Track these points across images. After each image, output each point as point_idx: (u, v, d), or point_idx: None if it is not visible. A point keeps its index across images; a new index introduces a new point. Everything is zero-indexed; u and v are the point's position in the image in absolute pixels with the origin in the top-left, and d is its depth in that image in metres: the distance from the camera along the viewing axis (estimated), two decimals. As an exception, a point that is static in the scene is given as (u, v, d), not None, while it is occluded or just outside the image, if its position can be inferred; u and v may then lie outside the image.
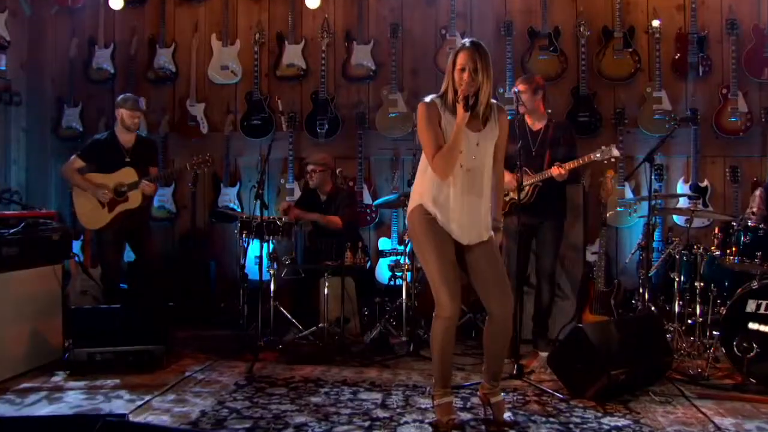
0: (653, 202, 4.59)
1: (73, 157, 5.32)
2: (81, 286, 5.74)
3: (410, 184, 5.37)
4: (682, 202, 5.73)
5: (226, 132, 6.41)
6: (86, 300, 5.71)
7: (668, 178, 5.93)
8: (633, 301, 4.94)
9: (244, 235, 5.12)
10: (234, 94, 6.52)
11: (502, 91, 5.84)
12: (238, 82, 6.50)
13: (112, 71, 6.61)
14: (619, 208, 5.75)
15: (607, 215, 5.65)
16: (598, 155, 4.35)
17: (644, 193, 5.37)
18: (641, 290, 4.59)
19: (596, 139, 5.83)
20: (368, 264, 5.45)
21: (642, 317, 4.20)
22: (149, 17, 6.65)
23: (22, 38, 6.59)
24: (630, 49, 5.90)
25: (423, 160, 3.37)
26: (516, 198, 4.56)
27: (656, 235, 5.68)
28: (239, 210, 6.40)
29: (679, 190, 5.84)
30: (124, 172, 5.18)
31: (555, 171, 4.46)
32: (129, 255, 5.75)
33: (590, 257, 5.49)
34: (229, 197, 6.46)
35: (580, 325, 3.72)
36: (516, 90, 4.52)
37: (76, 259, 5.81)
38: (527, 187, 4.60)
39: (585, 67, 5.89)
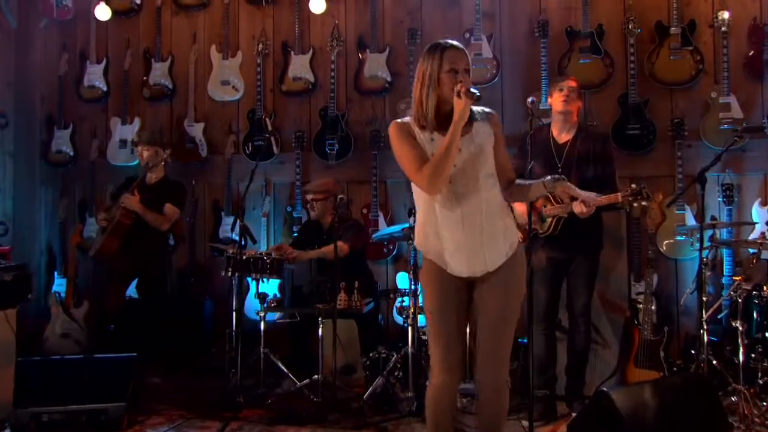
0: (711, 232, 4.09)
1: None
2: (62, 328, 5.58)
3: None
4: (759, 230, 5.17)
5: (227, 155, 6.18)
6: (67, 345, 5.54)
7: (740, 200, 5.36)
8: (693, 351, 4.43)
9: (229, 273, 4.85)
10: (236, 111, 6.30)
11: (532, 100, 5.35)
12: (240, 99, 6.28)
13: (105, 89, 6.50)
14: (678, 237, 5.23)
15: (663, 245, 5.17)
16: (629, 198, 3.77)
17: (709, 218, 4.86)
18: (699, 339, 4.09)
19: (650, 155, 5.38)
20: (370, 305, 5.07)
21: (689, 378, 3.69)
22: (144, 28, 6.51)
23: (9, 54, 6.53)
24: (690, 48, 5.39)
25: (415, 193, 3.05)
26: (538, 230, 4.17)
27: (726, 269, 5.15)
28: (243, 242, 6.15)
29: (754, 215, 5.27)
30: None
31: (577, 208, 3.99)
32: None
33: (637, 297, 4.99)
34: (230, 227, 6.19)
35: (605, 389, 3.24)
36: (532, 99, 4.10)
37: (57, 297, 5.67)
38: (549, 219, 4.18)
39: (635, 70, 5.40)
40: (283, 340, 5.23)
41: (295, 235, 5.75)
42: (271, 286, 5.52)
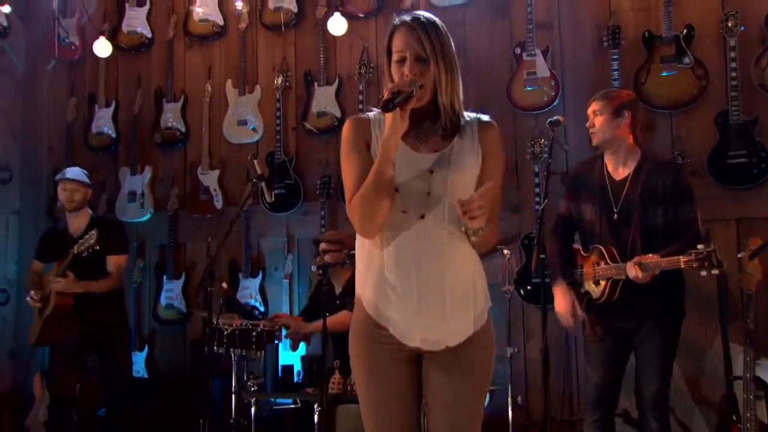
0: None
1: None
2: (46, 414, 5.14)
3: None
4: None
5: (244, 206, 5.66)
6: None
7: None
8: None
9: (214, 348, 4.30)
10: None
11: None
12: (259, 140, 5.79)
13: (114, 135, 6.17)
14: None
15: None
16: (693, 264, 3.08)
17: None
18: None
19: (761, 190, 4.47)
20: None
21: None
22: (156, 64, 6.17)
23: (15, 101, 6.36)
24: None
25: None
26: (592, 292, 3.40)
27: None
28: (262, 309, 5.61)
29: None
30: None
31: (631, 271, 3.25)
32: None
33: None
34: (249, 291, 5.67)
35: None
36: (554, 120, 3.34)
37: (43, 379, 5.27)
38: (602, 282, 3.38)
39: (737, 81, 4.50)
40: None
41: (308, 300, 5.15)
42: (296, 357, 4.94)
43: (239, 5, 5.67)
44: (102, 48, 5.69)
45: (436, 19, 2.28)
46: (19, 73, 6.40)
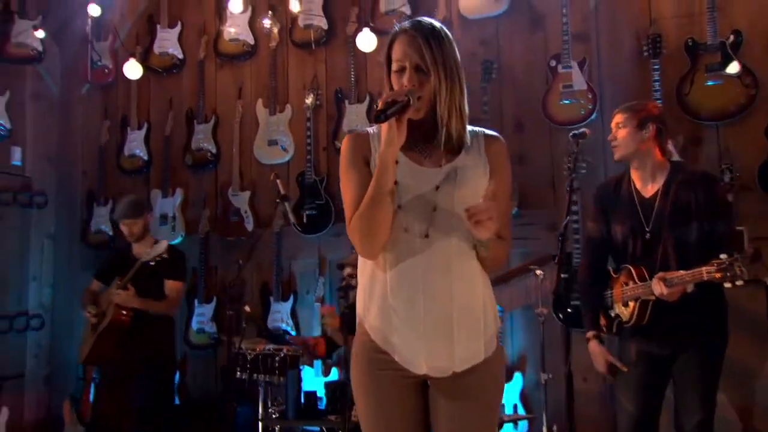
0: None
1: None
2: (76, 439, 5.13)
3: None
4: None
5: (275, 228, 5.60)
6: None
7: None
8: None
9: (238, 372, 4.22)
10: (285, 175, 5.71)
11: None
12: (290, 160, 5.73)
13: (146, 158, 6.18)
14: None
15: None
16: (714, 275, 2.87)
17: None
18: None
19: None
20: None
21: None
22: (187, 86, 6.17)
23: (51, 126, 6.42)
24: None
25: None
26: (621, 315, 3.22)
27: None
28: (294, 333, 5.51)
29: None
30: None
31: (656, 288, 3.04)
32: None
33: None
34: (280, 315, 5.57)
35: None
36: (578, 132, 3.16)
37: (72, 405, 5.25)
38: (631, 303, 3.19)
39: (790, 90, 4.28)
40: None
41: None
42: (320, 383, 4.84)
43: (267, 23, 5.63)
44: (132, 70, 5.70)
45: (440, 27, 2.18)
46: (54, 98, 6.48)
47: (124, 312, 4.59)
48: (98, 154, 6.37)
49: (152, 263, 4.52)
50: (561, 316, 4.64)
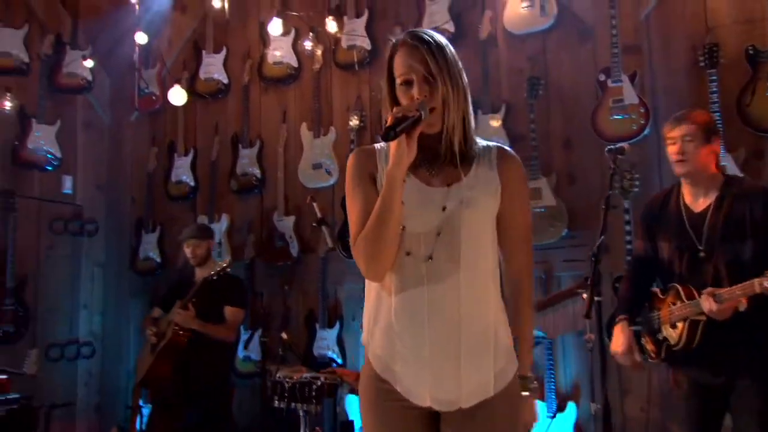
0: None
1: None
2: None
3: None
4: None
5: (320, 253, 5.54)
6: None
7: None
8: None
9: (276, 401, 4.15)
10: (331, 199, 5.67)
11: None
12: (335, 184, 5.66)
13: (193, 184, 6.22)
14: None
15: None
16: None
17: None
18: None
19: None
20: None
21: None
22: (233, 111, 6.19)
23: (101, 155, 6.53)
24: None
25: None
26: (669, 338, 3.04)
27: None
28: (340, 361, 5.42)
29: None
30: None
31: (705, 304, 2.85)
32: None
33: None
34: (326, 342, 5.49)
35: None
36: (616, 147, 3.00)
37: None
38: (679, 324, 2.99)
39: None
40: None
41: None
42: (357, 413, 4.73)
43: (308, 45, 5.62)
44: (177, 96, 5.73)
45: (440, 36, 2.11)
46: (104, 126, 6.59)
47: (182, 332, 4.63)
48: (146, 181, 6.44)
49: (215, 278, 4.59)
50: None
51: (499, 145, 2.17)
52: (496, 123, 4.99)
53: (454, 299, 2.00)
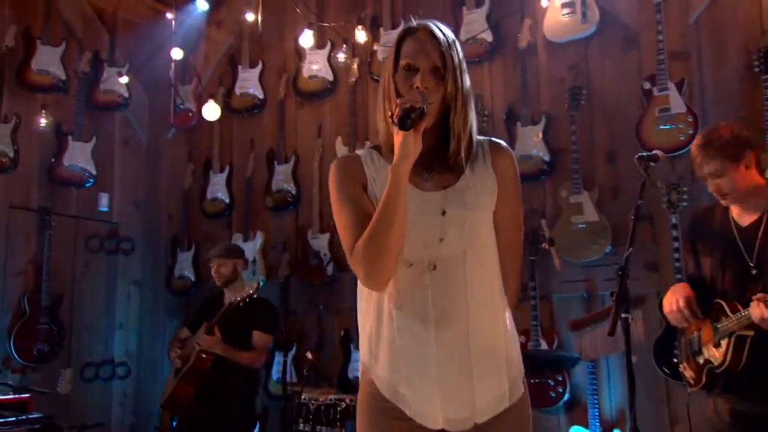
0: None
1: None
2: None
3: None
4: None
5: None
6: None
7: None
8: None
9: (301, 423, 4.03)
10: (367, 216, 5.54)
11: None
12: (371, 200, 5.54)
13: (228, 201, 6.16)
14: None
15: None
16: None
17: None
18: None
19: None
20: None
21: None
22: (268, 126, 6.13)
23: (138, 171, 6.54)
24: None
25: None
26: (713, 359, 2.83)
27: None
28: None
29: None
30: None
31: (756, 311, 2.59)
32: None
33: None
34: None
35: None
36: (650, 155, 2.79)
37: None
38: (723, 342, 2.77)
39: None
40: None
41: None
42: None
43: (341, 57, 5.53)
44: (210, 111, 5.65)
45: (451, 32, 2.00)
46: (142, 143, 6.60)
47: (205, 356, 4.52)
48: (182, 199, 6.42)
49: (240, 304, 4.46)
50: (665, 368, 4.23)
51: (491, 139, 2.05)
52: (536, 136, 4.82)
53: (462, 310, 1.89)
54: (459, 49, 1.96)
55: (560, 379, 4.62)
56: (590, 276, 4.61)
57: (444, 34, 1.94)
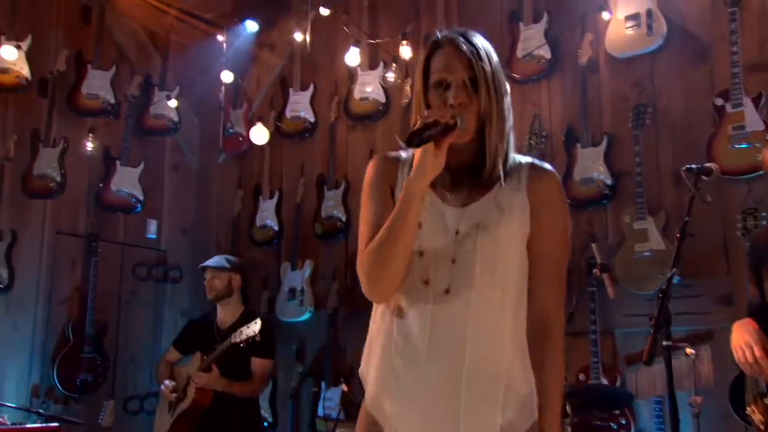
0: None
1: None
2: None
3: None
4: None
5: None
6: None
7: None
8: None
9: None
10: (418, 243, 5.34)
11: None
12: (421, 225, 5.33)
13: (277, 228, 6.02)
14: None
15: None
16: None
17: None
18: None
19: None
20: None
21: None
22: (319, 150, 5.99)
23: (187, 197, 6.50)
24: None
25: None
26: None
27: None
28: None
29: None
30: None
31: None
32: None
33: None
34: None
35: None
36: (702, 167, 2.52)
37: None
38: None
39: None
40: None
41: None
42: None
43: (391, 77, 5.38)
44: (258, 134, 5.57)
45: (485, 41, 1.88)
46: (192, 168, 6.57)
47: (206, 393, 4.37)
48: (231, 226, 6.32)
49: (242, 345, 4.24)
50: (738, 410, 3.86)
51: (532, 161, 1.90)
52: (597, 158, 4.55)
53: (459, 338, 1.76)
54: (493, 58, 1.84)
55: (624, 422, 4.29)
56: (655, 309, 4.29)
57: (473, 45, 1.82)
